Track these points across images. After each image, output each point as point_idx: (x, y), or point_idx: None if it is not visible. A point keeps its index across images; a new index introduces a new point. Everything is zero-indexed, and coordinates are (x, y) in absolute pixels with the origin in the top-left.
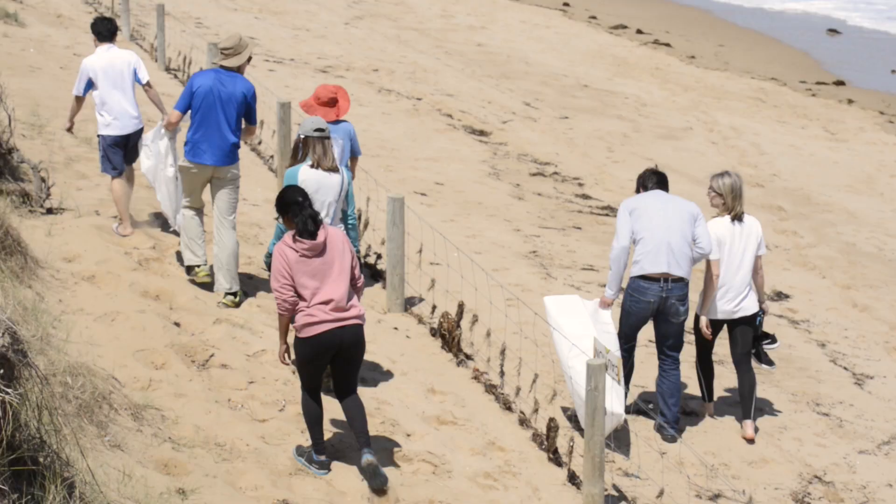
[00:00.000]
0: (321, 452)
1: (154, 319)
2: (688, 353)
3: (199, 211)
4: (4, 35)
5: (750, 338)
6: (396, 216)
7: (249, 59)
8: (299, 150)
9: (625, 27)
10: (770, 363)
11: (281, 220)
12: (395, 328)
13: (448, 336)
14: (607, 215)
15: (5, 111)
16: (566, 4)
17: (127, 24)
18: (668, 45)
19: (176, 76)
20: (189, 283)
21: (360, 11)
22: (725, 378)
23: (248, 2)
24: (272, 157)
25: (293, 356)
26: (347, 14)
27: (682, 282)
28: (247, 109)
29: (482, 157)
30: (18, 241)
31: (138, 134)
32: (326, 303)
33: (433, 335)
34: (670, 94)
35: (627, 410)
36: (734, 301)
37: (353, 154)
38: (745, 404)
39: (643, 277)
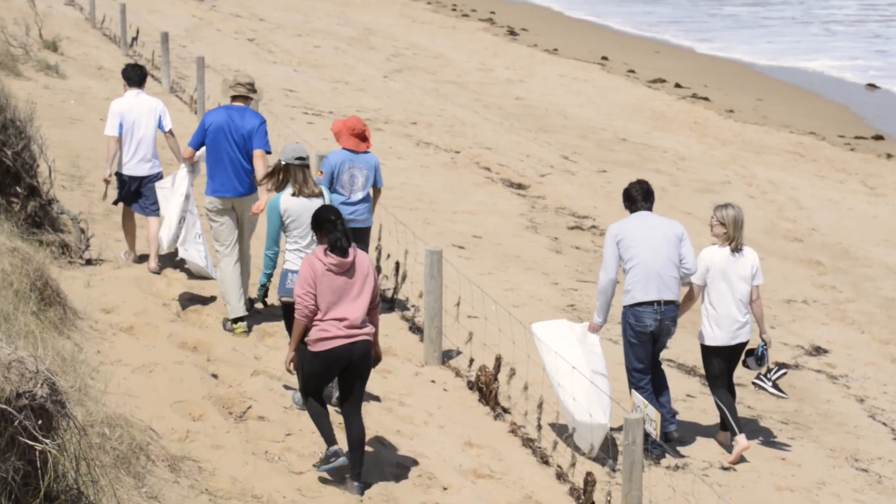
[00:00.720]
0: (332, 443)
1: (192, 371)
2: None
3: (236, 262)
4: (46, 87)
5: (736, 364)
6: (434, 269)
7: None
8: (278, 175)
9: (663, 81)
10: (783, 393)
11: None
12: (433, 381)
13: (485, 389)
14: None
15: (46, 162)
16: (604, 58)
17: (167, 76)
18: (706, 98)
19: None
20: (227, 335)
21: (399, 64)
22: (759, 431)
23: (287, 54)
24: None
25: (300, 365)
26: (386, 67)
27: (673, 304)
28: (258, 138)
29: (520, 210)
30: (58, 291)
31: (154, 177)
32: (341, 320)
33: (470, 388)
34: (708, 147)
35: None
36: (732, 328)
37: (376, 185)
38: (735, 422)
39: (637, 304)
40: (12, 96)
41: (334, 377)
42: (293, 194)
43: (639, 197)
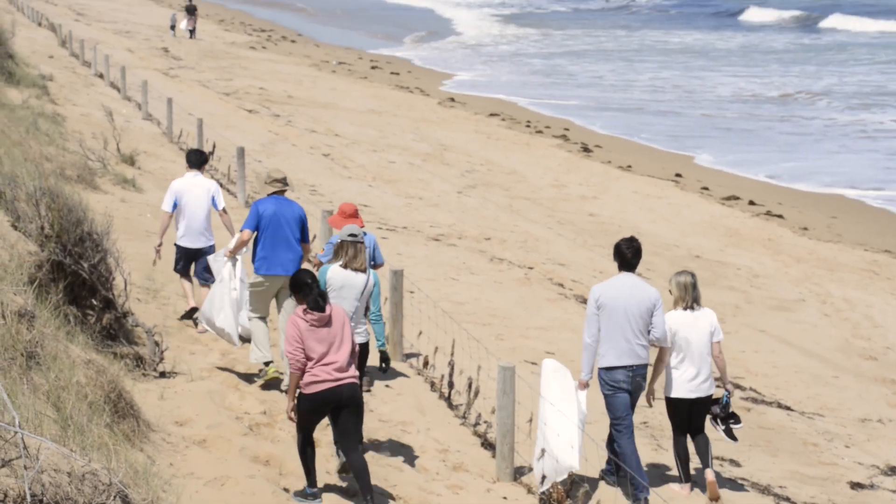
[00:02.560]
0: (314, 486)
1: (263, 485)
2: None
3: (265, 318)
4: (123, 200)
5: (705, 415)
6: (507, 385)
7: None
8: (338, 251)
9: (737, 198)
10: (734, 438)
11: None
12: (504, 497)
13: None
14: (718, 387)
15: (121, 275)
16: (678, 175)
17: (242, 191)
18: (780, 216)
19: None
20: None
21: (473, 180)
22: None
23: (362, 170)
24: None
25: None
26: (460, 183)
27: (644, 366)
28: (302, 228)
29: None
30: (131, 404)
31: (208, 250)
32: (329, 364)
33: None
34: (782, 265)
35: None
36: (693, 382)
37: (375, 263)
38: (703, 457)
39: (611, 367)
40: (90, 210)
41: (324, 416)
42: (342, 265)
43: (629, 254)
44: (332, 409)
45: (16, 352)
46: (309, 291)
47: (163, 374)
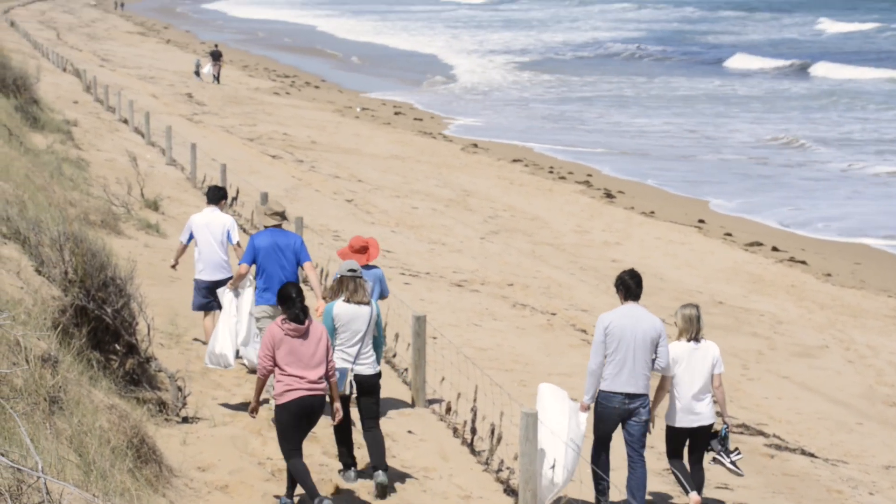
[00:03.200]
0: (316, 495)
1: None
2: None
3: None
4: (146, 245)
5: (704, 445)
6: (530, 431)
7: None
8: (336, 287)
9: (760, 244)
10: (740, 472)
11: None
12: None
13: None
14: (742, 433)
15: (145, 320)
16: (701, 221)
17: None
18: (803, 262)
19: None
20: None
21: (496, 226)
22: None
23: (385, 215)
24: (406, 369)
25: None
26: (483, 228)
27: (642, 395)
28: (299, 254)
29: None
30: (154, 449)
31: (225, 282)
32: (301, 377)
33: None
34: (806, 311)
35: None
36: (693, 411)
37: (382, 295)
38: (697, 486)
39: (611, 391)
40: (113, 255)
41: (303, 429)
42: (345, 300)
43: (632, 284)
44: (307, 418)
45: (39, 396)
46: (292, 304)
47: (185, 420)
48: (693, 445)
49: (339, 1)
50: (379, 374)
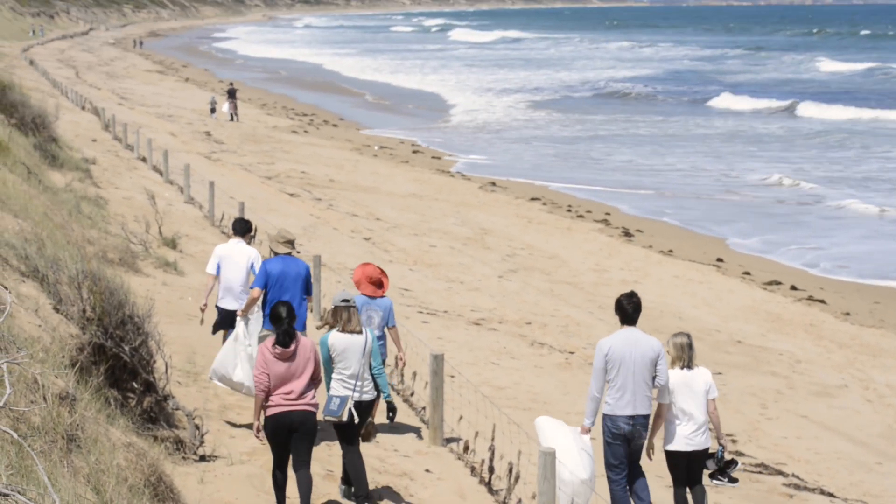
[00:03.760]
0: None
1: None
2: None
3: None
4: (164, 283)
5: (702, 468)
6: (548, 470)
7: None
8: (331, 317)
9: (779, 283)
10: (734, 480)
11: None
12: None
13: None
14: (760, 472)
15: (162, 358)
16: (720, 260)
17: None
18: (822, 301)
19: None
20: None
21: (514, 265)
22: None
23: (403, 253)
24: (424, 408)
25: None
26: (501, 267)
27: (645, 416)
28: (306, 283)
29: None
30: (171, 487)
31: None
32: (287, 394)
33: None
34: (825, 350)
35: None
36: (690, 436)
37: (389, 325)
38: None
39: (615, 415)
40: (131, 293)
41: (285, 441)
42: (339, 330)
43: (629, 309)
44: (287, 433)
45: (57, 434)
46: (280, 326)
47: (203, 458)
48: (690, 469)
49: (354, 40)
50: (377, 398)
